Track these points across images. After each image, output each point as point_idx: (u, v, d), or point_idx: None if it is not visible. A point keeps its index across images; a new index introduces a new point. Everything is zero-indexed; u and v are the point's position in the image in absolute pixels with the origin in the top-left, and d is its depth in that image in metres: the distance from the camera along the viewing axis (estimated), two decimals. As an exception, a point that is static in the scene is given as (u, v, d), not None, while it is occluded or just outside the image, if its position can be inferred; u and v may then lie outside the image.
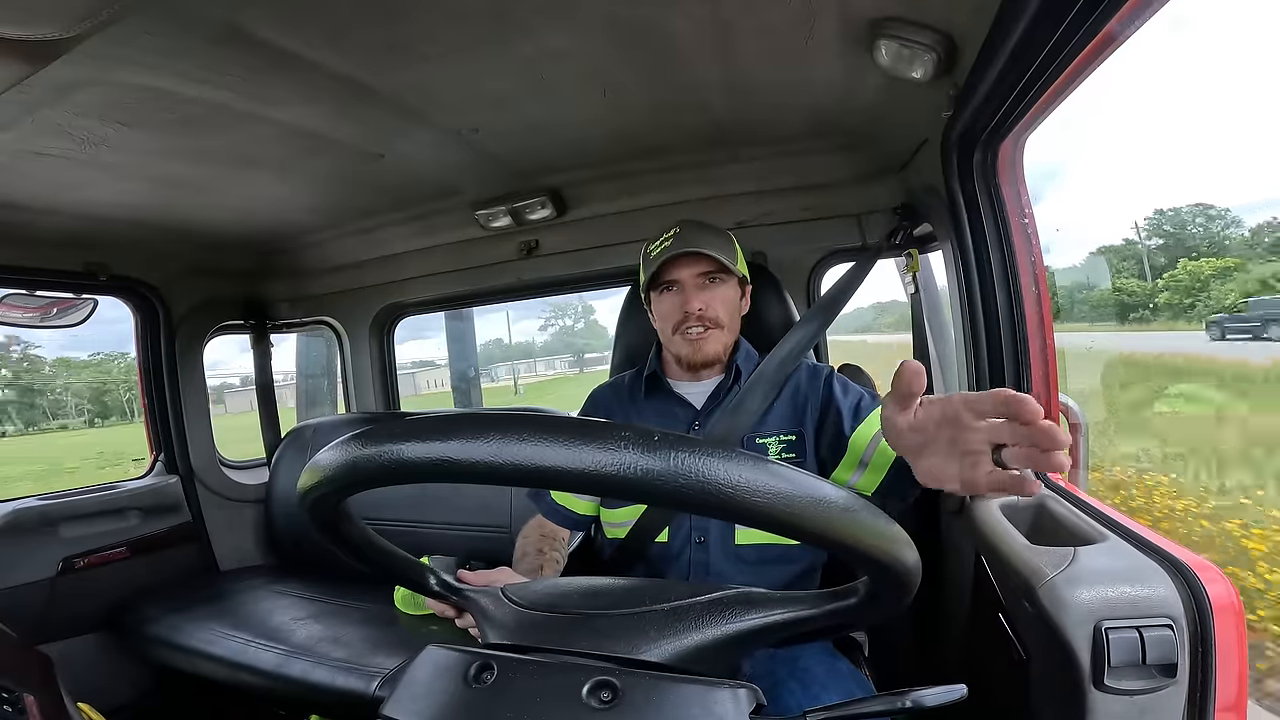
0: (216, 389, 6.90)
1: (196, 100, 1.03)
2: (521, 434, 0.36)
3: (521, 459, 0.35)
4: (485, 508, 1.70)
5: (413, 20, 0.89)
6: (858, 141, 1.43)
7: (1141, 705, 0.65)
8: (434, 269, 2.01)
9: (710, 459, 0.35)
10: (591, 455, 0.35)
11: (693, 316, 1.07)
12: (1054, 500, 0.93)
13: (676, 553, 1.04)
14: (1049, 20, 0.73)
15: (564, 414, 1.62)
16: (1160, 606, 0.65)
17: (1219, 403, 4.84)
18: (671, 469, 0.35)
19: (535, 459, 0.35)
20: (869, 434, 0.98)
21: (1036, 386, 1.10)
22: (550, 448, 0.35)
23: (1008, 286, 1.10)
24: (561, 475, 0.35)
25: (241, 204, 1.62)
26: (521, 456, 0.35)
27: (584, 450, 0.35)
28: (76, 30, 0.78)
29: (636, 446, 0.35)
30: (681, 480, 0.35)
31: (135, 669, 1.74)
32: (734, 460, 0.36)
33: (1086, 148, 35.81)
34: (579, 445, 0.35)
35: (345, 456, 0.41)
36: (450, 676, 0.50)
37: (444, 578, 0.65)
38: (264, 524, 2.10)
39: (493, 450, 0.36)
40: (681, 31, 0.96)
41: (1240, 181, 25.27)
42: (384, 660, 1.31)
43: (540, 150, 1.44)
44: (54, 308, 1.72)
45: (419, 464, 0.38)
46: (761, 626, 0.52)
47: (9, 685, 0.96)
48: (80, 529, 1.74)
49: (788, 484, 0.36)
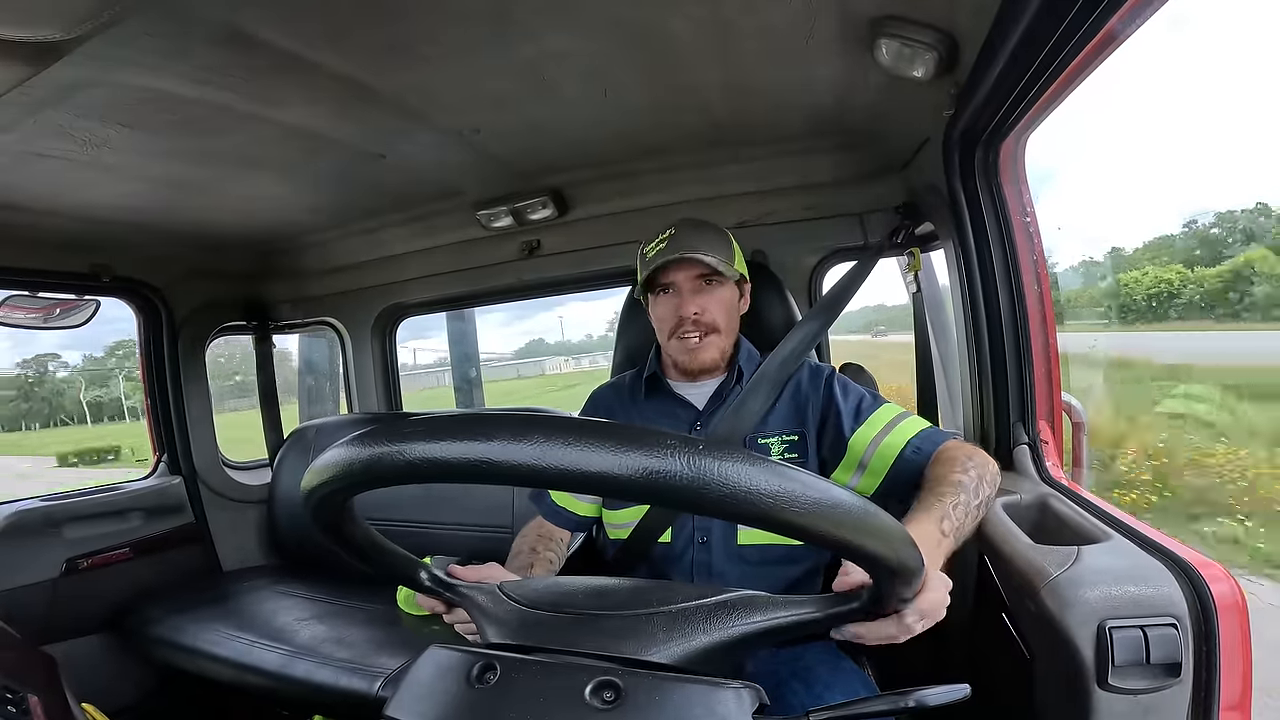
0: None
1: (198, 101, 1.03)
2: (595, 442, 0.35)
3: (592, 466, 0.35)
4: (488, 508, 1.70)
5: (414, 21, 0.89)
6: (859, 140, 1.42)
7: (1146, 704, 0.64)
8: (436, 269, 2.01)
9: (727, 463, 0.35)
10: (636, 460, 0.35)
11: (688, 321, 1.06)
12: (1057, 499, 0.92)
13: (679, 553, 1.04)
14: (1050, 18, 0.73)
15: (581, 417, 1.62)
16: (1164, 605, 0.65)
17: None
18: (695, 474, 0.35)
19: (597, 465, 0.35)
20: (868, 436, 0.98)
21: (1039, 385, 1.10)
22: (597, 453, 0.35)
23: (1010, 285, 1.09)
24: (605, 480, 0.35)
25: (243, 205, 1.62)
26: (594, 465, 0.35)
27: (631, 455, 0.35)
28: (78, 32, 0.79)
29: (631, 446, 0.35)
30: (701, 484, 0.35)
31: (139, 670, 1.74)
32: (737, 461, 0.36)
33: (1083, 150, 35.78)
34: (625, 450, 0.35)
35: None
36: (453, 677, 0.50)
37: (435, 573, 0.64)
38: (267, 525, 2.10)
39: (539, 453, 0.35)
40: (682, 32, 0.96)
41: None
42: (387, 661, 1.31)
43: (541, 150, 1.44)
44: (57, 309, 1.73)
45: (462, 464, 0.38)
46: (766, 629, 0.52)
47: (13, 686, 0.96)
48: (84, 530, 1.75)
49: (800, 487, 0.36)
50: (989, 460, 0.88)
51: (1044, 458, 1.06)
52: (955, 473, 0.82)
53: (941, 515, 0.74)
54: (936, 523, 0.73)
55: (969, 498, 0.78)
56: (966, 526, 0.77)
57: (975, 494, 0.80)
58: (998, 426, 1.13)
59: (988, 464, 0.86)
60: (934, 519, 0.73)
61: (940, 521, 0.73)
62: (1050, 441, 1.09)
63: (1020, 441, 1.09)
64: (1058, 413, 1.12)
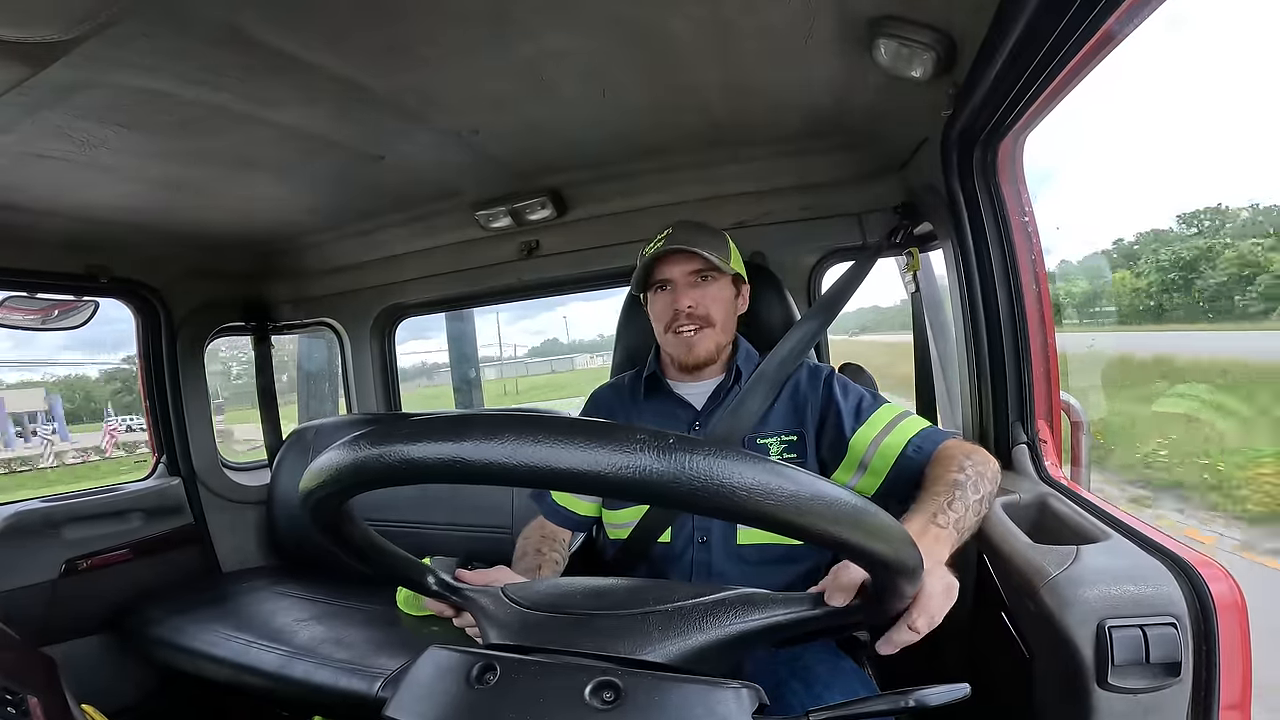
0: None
1: (196, 102, 1.03)
2: (624, 444, 0.35)
3: (607, 468, 0.35)
4: (487, 508, 1.70)
5: (412, 21, 0.89)
6: (857, 140, 1.43)
7: (1145, 704, 0.64)
8: (435, 270, 2.01)
9: (724, 462, 0.35)
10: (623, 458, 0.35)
11: (683, 314, 1.07)
12: (1056, 499, 0.93)
13: (679, 553, 1.04)
14: (1048, 18, 0.73)
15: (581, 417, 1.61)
16: (1164, 605, 0.65)
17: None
18: (686, 473, 0.34)
19: (604, 466, 0.35)
20: (869, 437, 0.98)
21: (1038, 384, 1.10)
22: (575, 451, 0.35)
23: (1008, 284, 1.10)
24: (590, 478, 0.35)
25: (242, 206, 1.62)
26: (609, 465, 0.35)
27: (639, 455, 0.35)
28: (75, 32, 0.78)
29: (616, 443, 0.35)
30: (694, 483, 0.34)
31: (138, 671, 1.74)
32: (735, 461, 0.36)
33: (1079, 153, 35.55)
34: (616, 449, 0.35)
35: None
36: (452, 677, 0.50)
37: (442, 577, 0.64)
38: (266, 525, 2.10)
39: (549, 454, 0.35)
40: (681, 32, 0.96)
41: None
42: (387, 661, 1.31)
43: (540, 151, 1.44)
44: (55, 310, 1.72)
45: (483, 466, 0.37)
46: (765, 627, 0.52)
47: (13, 687, 0.96)
48: (83, 531, 1.75)
49: (796, 485, 0.36)
50: (989, 458, 0.88)
51: (1043, 457, 1.06)
52: (951, 472, 0.82)
53: (935, 511, 0.74)
54: (930, 518, 0.73)
55: (966, 494, 0.78)
56: (967, 521, 0.76)
57: (975, 490, 0.80)
58: (996, 426, 1.13)
59: (988, 461, 0.86)
60: (927, 515, 0.73)
61: (934, 516, 0.73)
62: (1049, 441, 1.09)
63: (1019, 441, 1.09)
64: (1056, 412, 1.12)
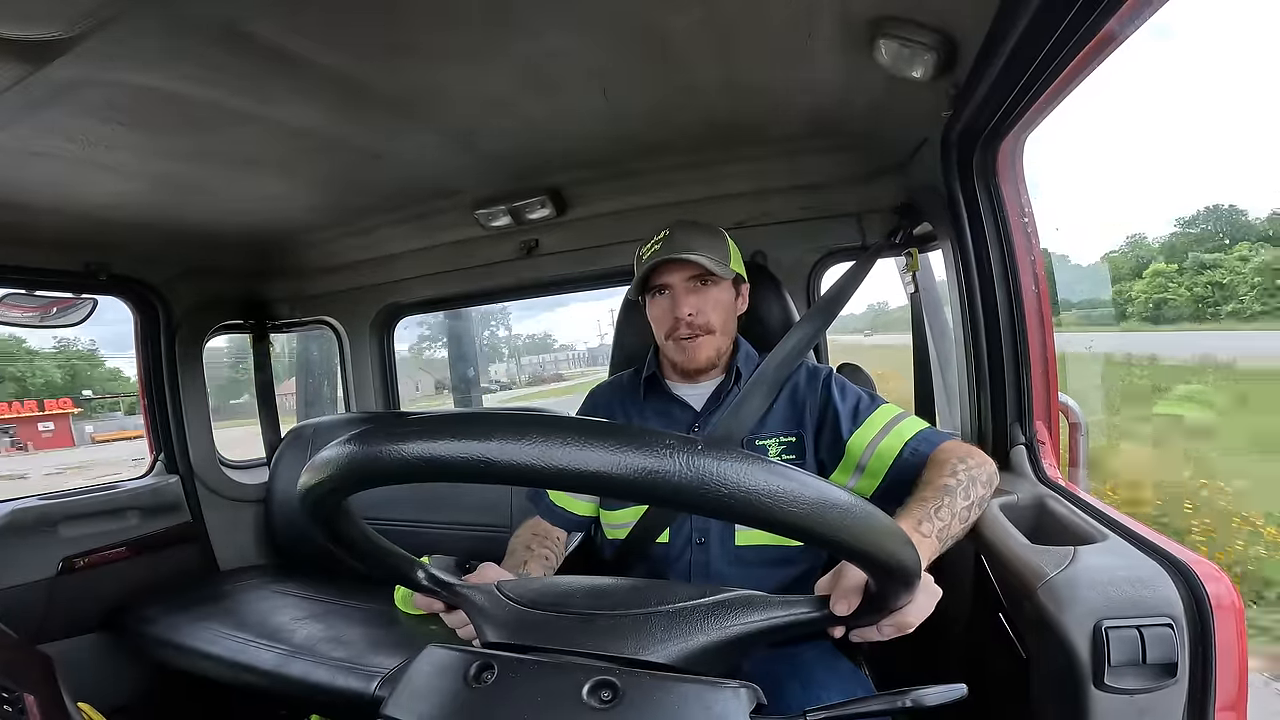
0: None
1: (195, 100, 1.03)
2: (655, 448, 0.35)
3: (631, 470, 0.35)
4: (485, 507, 1.70)
5: (412, 20, 0.89)
6: (857, 141, 1.43)
7: (1142, 704, 0.65)
8: (434, 268, 2.01)
9: (729, 463, 0.35)
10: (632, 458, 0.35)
11: (683, 323, 1.06)
12: (1054, 500, 0.93)
13: (677, 554, 1.04)
14: (1048, 19, 0.73)
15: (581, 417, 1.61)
16: (1160, 606, 0.65)
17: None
18: (694, 474, 0.35)
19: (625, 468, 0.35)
20: (866, 438, 0.98)
21: (1036, 385, 1.10)
22: (596, 452, 0.35)
23: (1008, 285, 1.10)
24: (604, 480, 0.35)
25: (241, 204, 1.62)
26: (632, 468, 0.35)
27: (632, 455, 0.35)
28: (76, 30, 0.78)
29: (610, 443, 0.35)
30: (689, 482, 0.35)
31: (135, 669, 1.74)
32: (735, 461, 0.36)
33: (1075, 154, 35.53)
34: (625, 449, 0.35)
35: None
36: (450, 676, 0.50)
37: (433, 572, 0.64)
38: (264, 524, 2.10)
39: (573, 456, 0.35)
40: (681, 31, 0.96)
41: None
42: (384, 660, 1.31)
43: (540, 150, 1.43)
44: (53, 307, 1.72)
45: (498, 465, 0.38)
46: (764, 628, 0.52)
47: (9, 685, 0.96)
48: (80, 529, 1.74)
49: (796, 486, 0.36)
50: (986, 460, 0.88)
51: (1041, 458, 1.06)
52: (944, 477, 0.82)
53: (921, 518, 0.75)
54: (915, 524, 0.73)
55: (955, 501, 0.79)
56: (953, 529, 0.77)
57: (964, 496, 0.80)
58: (995, 427, 1.13)
59: (984, 464, 0.87)
60: (912, 521, 0.74)
61: (919, 524, 0.74)
62: (1047, 442, 1.09)
63: (1017, 442, 1.09)
64: (1055, 413, 1.12)
